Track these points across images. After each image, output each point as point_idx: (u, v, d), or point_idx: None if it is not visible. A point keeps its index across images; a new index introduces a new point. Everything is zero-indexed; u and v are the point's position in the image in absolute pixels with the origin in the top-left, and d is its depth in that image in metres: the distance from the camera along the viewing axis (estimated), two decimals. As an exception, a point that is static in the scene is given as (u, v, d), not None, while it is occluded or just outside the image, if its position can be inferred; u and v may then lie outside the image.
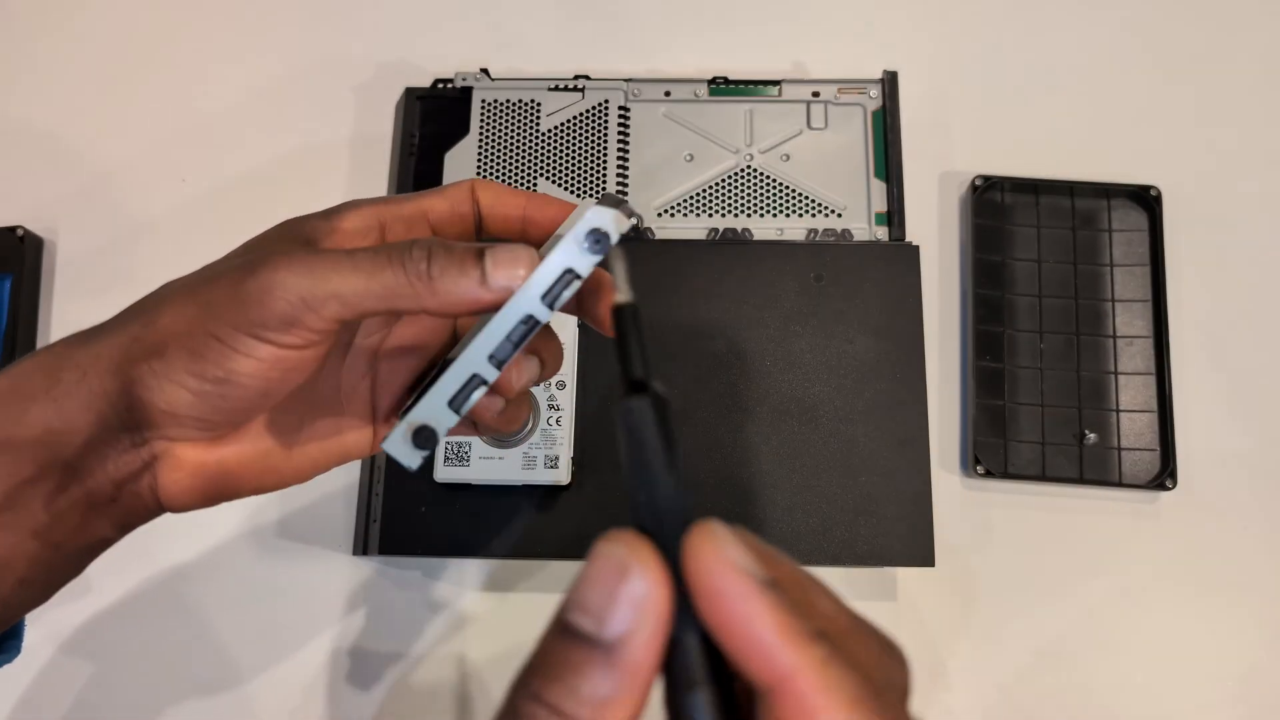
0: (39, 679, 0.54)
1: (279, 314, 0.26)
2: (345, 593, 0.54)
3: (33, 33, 0.65)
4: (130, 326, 0.28)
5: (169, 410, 0.27)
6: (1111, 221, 0.59)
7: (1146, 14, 0.64)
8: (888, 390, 0.52)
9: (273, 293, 0.26)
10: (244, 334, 0.27)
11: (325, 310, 0.27)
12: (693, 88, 0.59)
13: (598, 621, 0.18)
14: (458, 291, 0.27)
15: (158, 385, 0.27)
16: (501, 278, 0.27)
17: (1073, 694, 0.53)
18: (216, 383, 0.27)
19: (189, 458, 0.29)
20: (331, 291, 0.26)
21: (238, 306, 0.26)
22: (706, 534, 0.19)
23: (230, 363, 0.27)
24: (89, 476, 0.28)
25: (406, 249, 0.27)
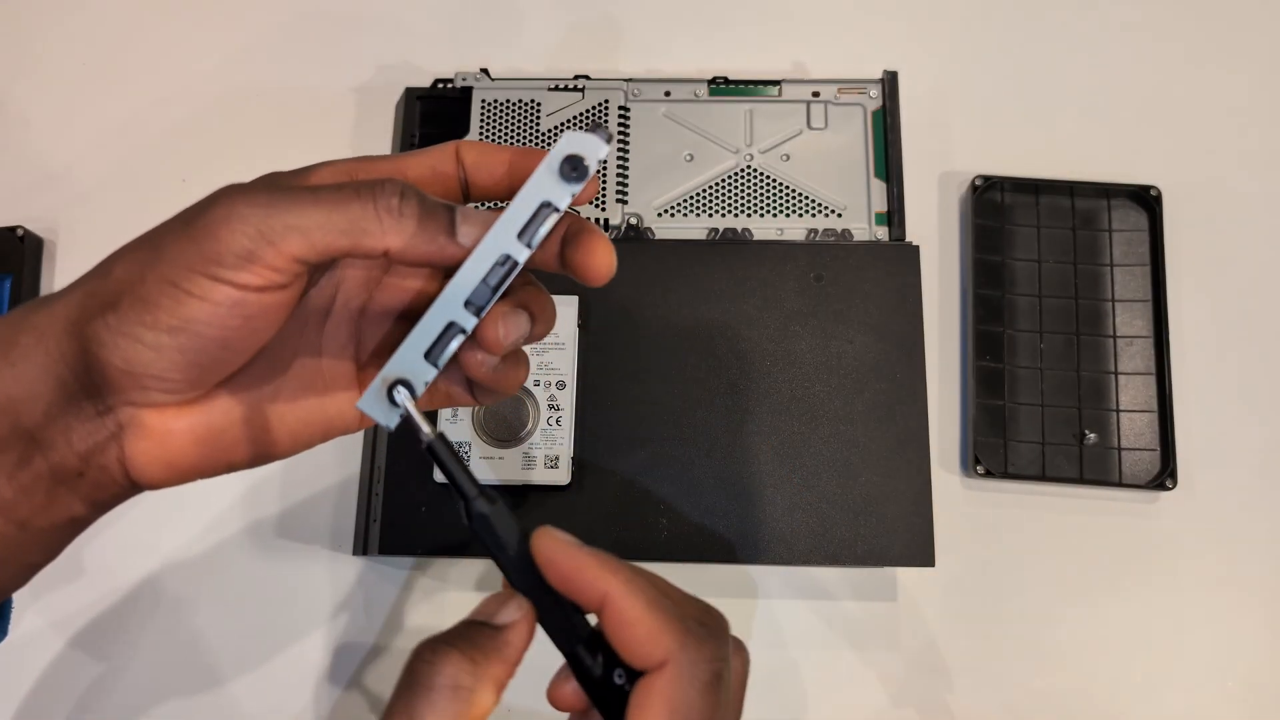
0: (35, 676, 0.54)
1: (234, 248, 0.25)
2: (345, 593, 0.54)
3: (32, 32, 0.65)
4: (87, 284, 0.26)
5: (126, 369, 0.26)
6: (1111, 221, 0.59)
7: (1146, 14, 0.64)
8: (888, 390, 0.52)
9: (228, 224, 0.25)
10: (198, 274, 0.25)
11: (285, 244, 0.25)
12: (693, 88, 0.59)
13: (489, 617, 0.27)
14: (424, 235, 0.26)
15: (112, 341, 0.25)
16: (471, 233, 0.26)
17: (1073, 694, 0.53)
18: (171, 332, 0.25)
19: (155, 425, 0.27)
20: (291, 223, 0.25)
21: (190, 243, 0.25)
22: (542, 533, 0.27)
23: (184, 309, 0.25)
24: (52, 448, 0.27)
25: (379, 184, 0.26)
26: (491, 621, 0.27)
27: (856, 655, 0.53)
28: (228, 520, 0.56)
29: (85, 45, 0.65)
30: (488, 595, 0.28)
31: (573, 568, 0.26)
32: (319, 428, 0.31)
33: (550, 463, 0.50)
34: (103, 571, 0.55)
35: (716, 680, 0.25)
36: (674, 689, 0.25)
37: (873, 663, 0.53)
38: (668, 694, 0.25)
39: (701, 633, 0.26)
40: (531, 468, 0.50)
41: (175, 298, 0.25)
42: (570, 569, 0.26)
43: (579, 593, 0.26)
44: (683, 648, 0.25)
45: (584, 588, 0.26)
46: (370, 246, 0.26)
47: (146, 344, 0.25)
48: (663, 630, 0.25)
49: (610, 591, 0.26)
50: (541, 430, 0.51)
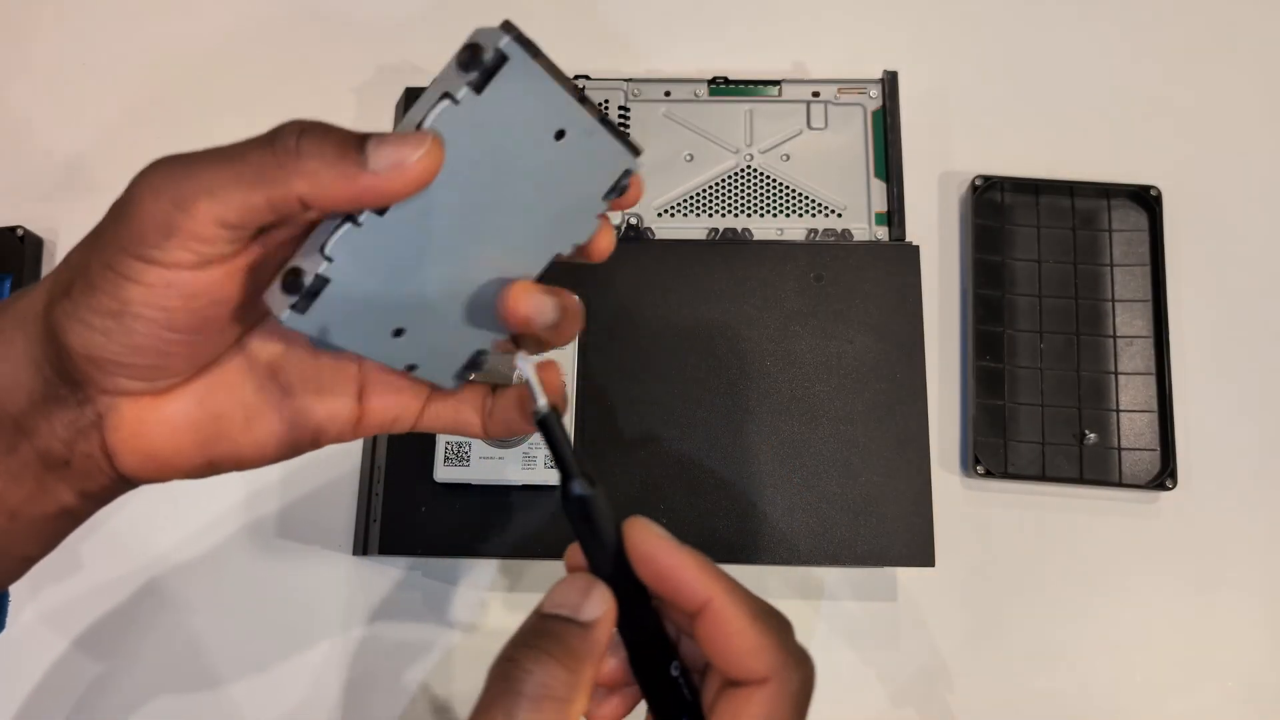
0: (34, 675, 0.54)
1: (153, 224, 0.24)
2: (345, 593, 0.54)
3: (33, 33, 0.65)
4: (55, 271, 0.26)
5: (85, 353, 0.25)
6: (1111, 221, 0.59)
7: (1146, 14, 0.64)
8: (888, 390, 0.52)
9: (142, 200, 0.24)
10: (129, 256, 0.24)
11: (198, 210, 0.24)
12: (693, 88, 0.59)
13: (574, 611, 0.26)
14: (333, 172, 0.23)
15: (69, 326, 0.25)
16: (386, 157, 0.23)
17: (1073, 694, 0.53)
18: (115, 316, 0.25)
19: (131, 416, 0.27)
20: (200, 186, 0.24)
21: (118, 224, 0.25)
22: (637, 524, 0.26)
23: (122, 291, 0.25)
24: (37, 436, 0.27)
25: (275, 129, 0.24)
26: (578, 618, 0.25)
27: (856, 655, 0.53)
28: (228, 520, 0.56)
29: (85, 45, 0.65)
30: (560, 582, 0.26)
31: (672, 565, 0.26)
32: (309, 432, 0.30)
33: (550, 463, 0.50)
34: (102, 570, 0.55)
35: (807, 703, 0.26)
36: (773, 706, 0.25)
37: (873, 663, 0.53)
38: (767, 710, 0.25)
39: (800, 655, 0.26)
40: (531, 467, 0.50)
41: (113, 281, 0.25)
42: (669, 566, 0.26)
43: (676, 592, 0.26)
44: (784, 667, 0.25)
45: (683, 588, 0.26)
46: (280, 196, 0.24)
47: (96, 328, 0.25)
48: (766, 647, 0.25)
49: (714, 598, 0.25)
50: (541, 430, 0.51)
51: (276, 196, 0.24)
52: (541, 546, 0.50)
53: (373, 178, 0.23)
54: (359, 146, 0.24)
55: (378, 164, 0.23)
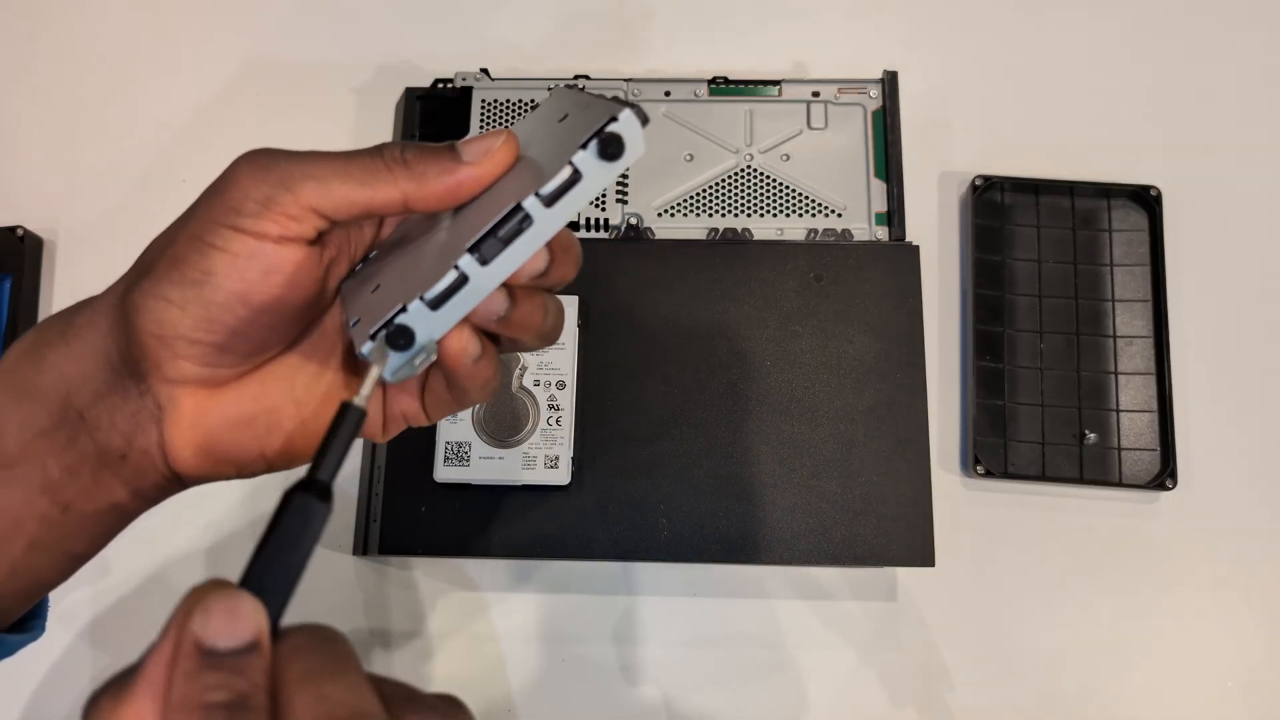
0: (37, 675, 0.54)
1: (254, 194, 0.26)
2: (345, 593, 0.54)
3: (32, 32, 0.65)
4: (137, 261, 0.28)
5: (157, 332, 0.27)
6: (1111, 221, 0.59)
7: (1146, 14, 0.64)
8: (888, 390, 0.52)
9: (249, 173, 0.27)
10: (220, 225, 0.26)
11: (302, 191, 0.26)
12: (693, 88, 0.59)
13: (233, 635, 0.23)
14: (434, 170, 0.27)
15: (145, 305, 0.27)
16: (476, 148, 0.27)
17: (1073, 694, 0.53)
18: (195, 285, 0.26)
19: (190, 406, 0.28)
20: (309, 171, 0.26)
21: (214, 197, 0.27)
22: None
23: (207, 260, 0.26)
24: (98, 428, 0.28)
25: (382, 145, 0.27)
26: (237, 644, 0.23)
27: (856, 655, 0.53)
28: (228, 519, 0.56)
29: (85, 46, 0.65)
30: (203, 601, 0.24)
31: None
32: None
33: (550, 463, 0.50)
34: (102, 570, 0.55)
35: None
36: None
37: (873, 663, 0.53)
38: None
39: None
40: (531, 468, 0.50)
41: (200, 250, 0.26)
42: None
43: None
44: None
45: None
46: (386, 195, 0.27)
47: (174, 301, 0.26)
48: None
49: None
50: (541, 430, 0.51)
51: (381, 196, 0.27)
52: (541, 546, 0.50)
53: (469, 167, 0.27)
54: (451, 150, 0.27)
55: (470, 155, 0.27)
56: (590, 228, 0.57)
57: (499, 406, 0.51)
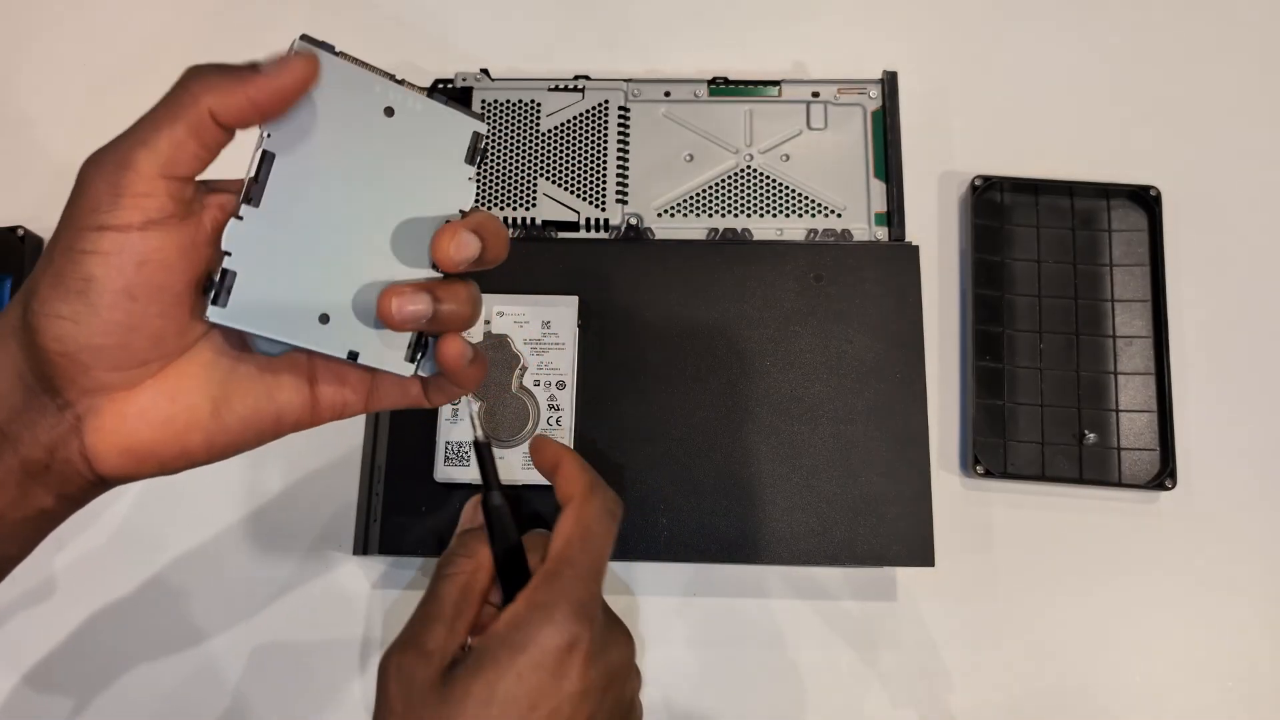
0: (35, 675, 0.54)
1: (102, 190, 0.27)
2: (345, 593, 0.54)
3: (33, 32, 0.65)
4: (25, 282, 0.29)
5: (60, 349, 0.28)
6: (1111, 222, 0.59)
7: (1146, 14, 0.64)
8: (887, 390, 0.52)
9: (88, 176, 0.28)
10: (85, 229, 0.27)
11: (139, 162, 0.27)
12: (693, 88, 0.59)
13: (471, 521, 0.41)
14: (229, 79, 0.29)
15: (41, 325, 0.28)
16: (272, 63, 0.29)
17: (1073, 694, 0.53)
18: (79, 295, 0.27)
19: (110, 411, 0.29)
20: (135, 141, 0.28)
21: (73, 206, 0.28)
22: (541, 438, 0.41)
23: (82, 267, 0.27)
24: (21, 444, 0.29)
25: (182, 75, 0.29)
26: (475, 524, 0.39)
27: (856, 655, 0.53)
28: (227, 520, 0.56)
29: (86, 45, 0.65)
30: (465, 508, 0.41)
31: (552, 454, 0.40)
32: (270, 420, 0.33)
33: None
34: (102, 571, 0.55)
35: (612, 516, 0.37)
36: (581, 510, 0.37)
37: (873, 663, 0.53)
38: (578, 513, 0.37)
39: (605, 487, 0.38)
40: (532, 468, 0.50)
41: (74, 259, 0.27)
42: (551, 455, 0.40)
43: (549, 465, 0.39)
44: (591, 487, 0.38)
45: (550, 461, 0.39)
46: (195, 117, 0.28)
47: (65, 316, 0.27)
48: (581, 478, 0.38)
49: (562, 460, 0.39)
50: (541, 430, 0.51)
51: (192, 119, 0.28)
52: (541, 546, 0.50)
53: (265, 77, 0.28)
54: (251, 65, 0.29)
55: (266, 68, 0.29)
56: (590, 228, 0.57)
57: (499, 406, 0.51)
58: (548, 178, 0.57)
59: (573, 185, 0.57)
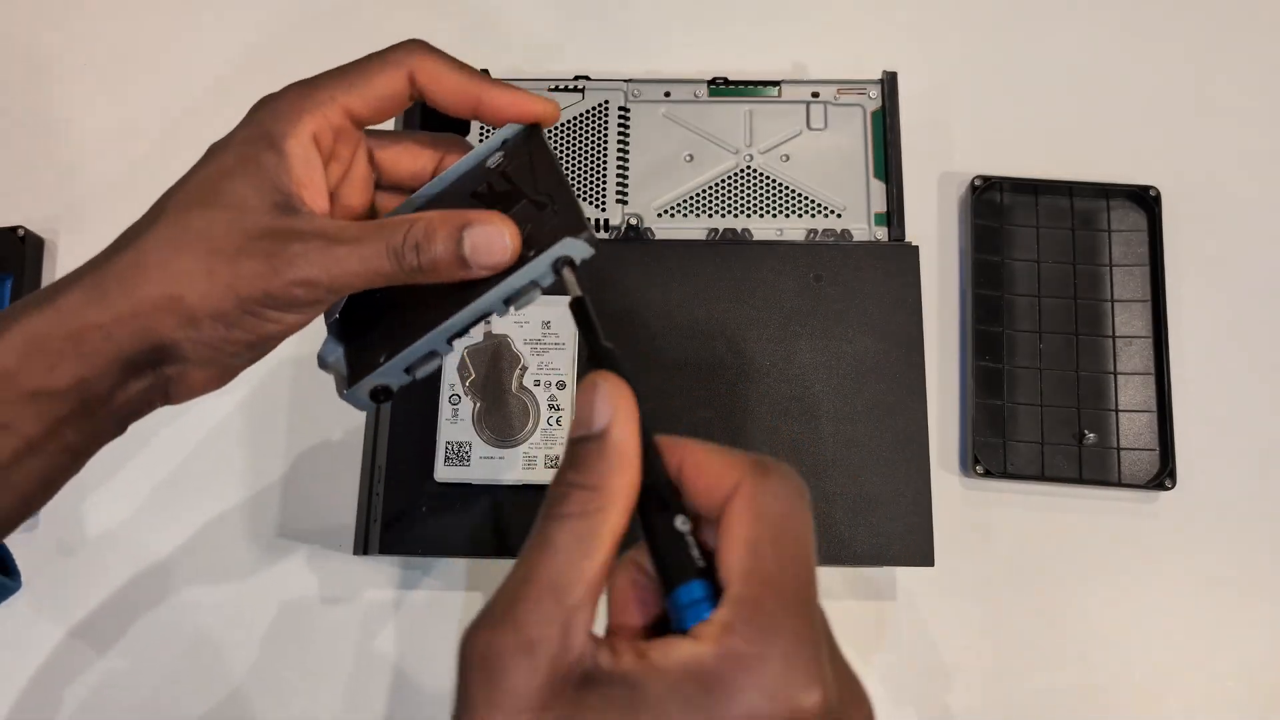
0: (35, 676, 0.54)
1: (307, 299, 0.31)
2: (345, 593, 0.54)
3: (33, 32, 0.65)
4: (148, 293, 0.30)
5: (197, 361, 0.32)
6: (1111, 222, 0.59)
7: (1146, 14, 0.64)
8: (887, 390, 0.52)
9: (299, 288, 0.30)
10: (277, 310, 0.31)
11: (340, 290, 0.31)
12: (693, 88, 0.59)
13: (587, 426, 0.25)
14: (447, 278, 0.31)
15: (193, 348, 0.31)
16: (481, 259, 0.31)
17: (1073, 694, 0.53)
18: (248, 346, 0.32)
19: (194, 376, 0.33)
20: (345, 281, 0.31)
21: (269, 298, 0.30)
22: None
23: (261, 330, 0.32)
24: (115, 402, 0.32)
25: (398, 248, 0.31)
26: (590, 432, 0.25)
27: (856, 655, 0.53)
28: (228, 520, 0.56)
29: (86, 45, 0.65)
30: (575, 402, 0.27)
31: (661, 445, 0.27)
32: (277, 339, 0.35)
33: (550, 463, 0.50)
34: (102, 571, 0.55)
35: (800, 496, 0.25)
36: (756, 501, 0.24)
37: (873, 663, 0.53)
38: (752, 506, 0.24)
39: (777, 461, 0.25)
40: (532, 468, 0.50)
41: (255, 325, 0.31)
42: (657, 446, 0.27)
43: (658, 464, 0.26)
44: (757, 468, 0.25)
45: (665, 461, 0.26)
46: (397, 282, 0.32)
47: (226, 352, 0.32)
48: (730, 463, 0.25)
49: (687, 454, 0.26)
50: (541, 430, 0.51)
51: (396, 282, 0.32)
52: (541, 546, 0.50)
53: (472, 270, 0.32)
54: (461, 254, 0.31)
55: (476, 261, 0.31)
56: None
57: (499, 406, 0.51)
58: (548, 178, 0.57)
59: (573, 185, 0.57)
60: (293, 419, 0.57)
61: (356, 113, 0.34)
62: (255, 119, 0.33)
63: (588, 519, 0.24)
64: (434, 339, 0.32)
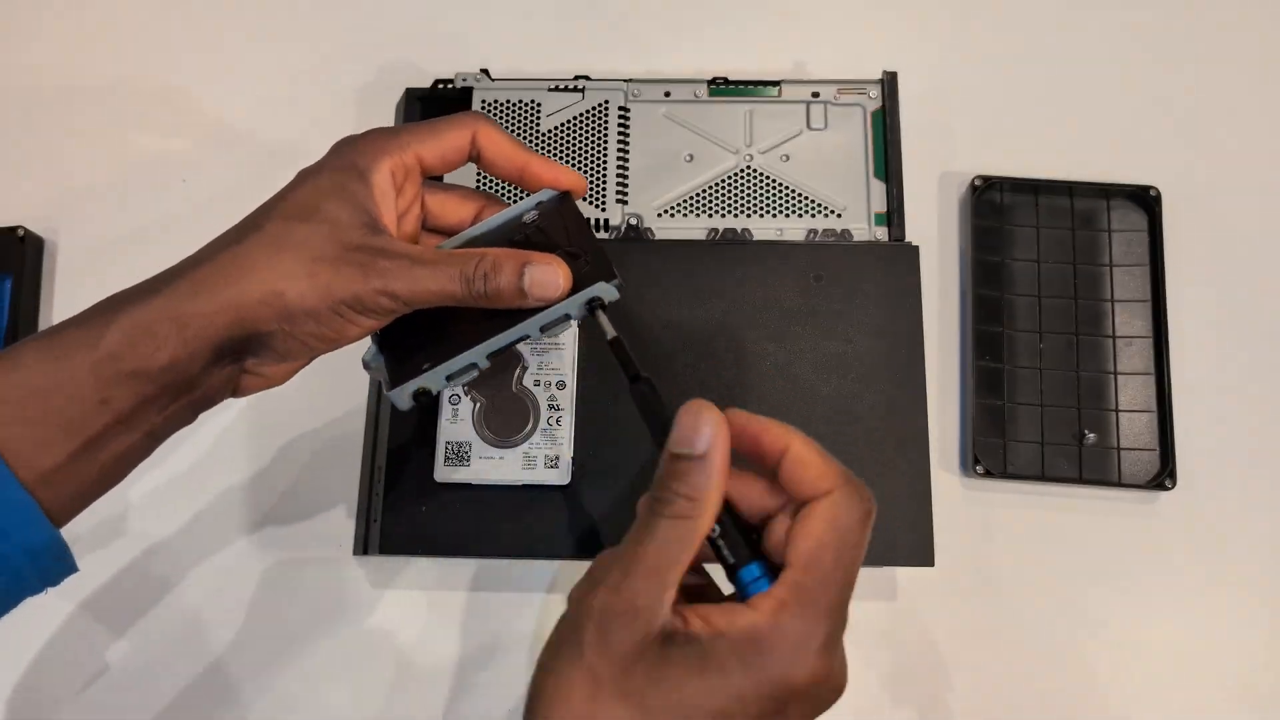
0: (34, 676, 0.54)
1: (388, 308, 0.36)
2: (345, 593, 0.54)
3: (32, 32, 0.65)
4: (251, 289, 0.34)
5: (282, 353, 0.36)
6: (1111, 222, 0.59)
7: (1146, 14, 0.64)
8: (887, 390, 0.52)
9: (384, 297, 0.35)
10: (360, 313, 0.36)
11: (415, 304, 0.36)
12: (693, 88, 0.59)
13: (690, 446, 0.31)
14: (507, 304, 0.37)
15: (284, 340, 0.36)
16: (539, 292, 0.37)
17: (1073, 694, 0.53)
18: (328, 341, 0.36)
19: (268, 370, 0.38)
20: (422, 297, 0.36)
21: (359, 300, 0.35)
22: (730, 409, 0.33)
23: (346, 330, 0.36)
24: (197, 389, 0.36)
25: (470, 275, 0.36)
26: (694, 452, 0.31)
27: (857, 655, 0.53)
28: (228, 520, 0.56)
29: (85, 45, 0.65)
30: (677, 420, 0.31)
31: (759, 428, 0.32)
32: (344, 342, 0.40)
33: (550, 463, 0.50)
34: (102, 570, 0.55)
35: (868, 517, 0.32)
36: (838, 510, 0.31)
37: (873, 663, 0.53)
38: (833, 513, 0.31)
39: (859, 481, 0.32)
40: (532, 468, 0.50)
41: (341, 325, 0.36)
42: (758, 430, 0.32)
43: (765, 446, 0.32)
44: (847, 482, 0.31)
45: (767, 442, 0.32)
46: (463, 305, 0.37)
47: (307, 344, 0.36)
48: (831, 471, 0.31)
49: (792, 444, 0.32)
50: (541, 430, 0.51)
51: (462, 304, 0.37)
52: (542, 546, 0.51)
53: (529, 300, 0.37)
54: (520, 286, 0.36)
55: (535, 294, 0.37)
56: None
57: (499, 406, 0.51)
58: (548, 178, 0.57)
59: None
60: (293, 419, 0.57)
61: (426, 160, 0.39)
62: (343, 153, 0.38)
63: (688, 521, 0.30)
64: (477, 353, 0.37)
